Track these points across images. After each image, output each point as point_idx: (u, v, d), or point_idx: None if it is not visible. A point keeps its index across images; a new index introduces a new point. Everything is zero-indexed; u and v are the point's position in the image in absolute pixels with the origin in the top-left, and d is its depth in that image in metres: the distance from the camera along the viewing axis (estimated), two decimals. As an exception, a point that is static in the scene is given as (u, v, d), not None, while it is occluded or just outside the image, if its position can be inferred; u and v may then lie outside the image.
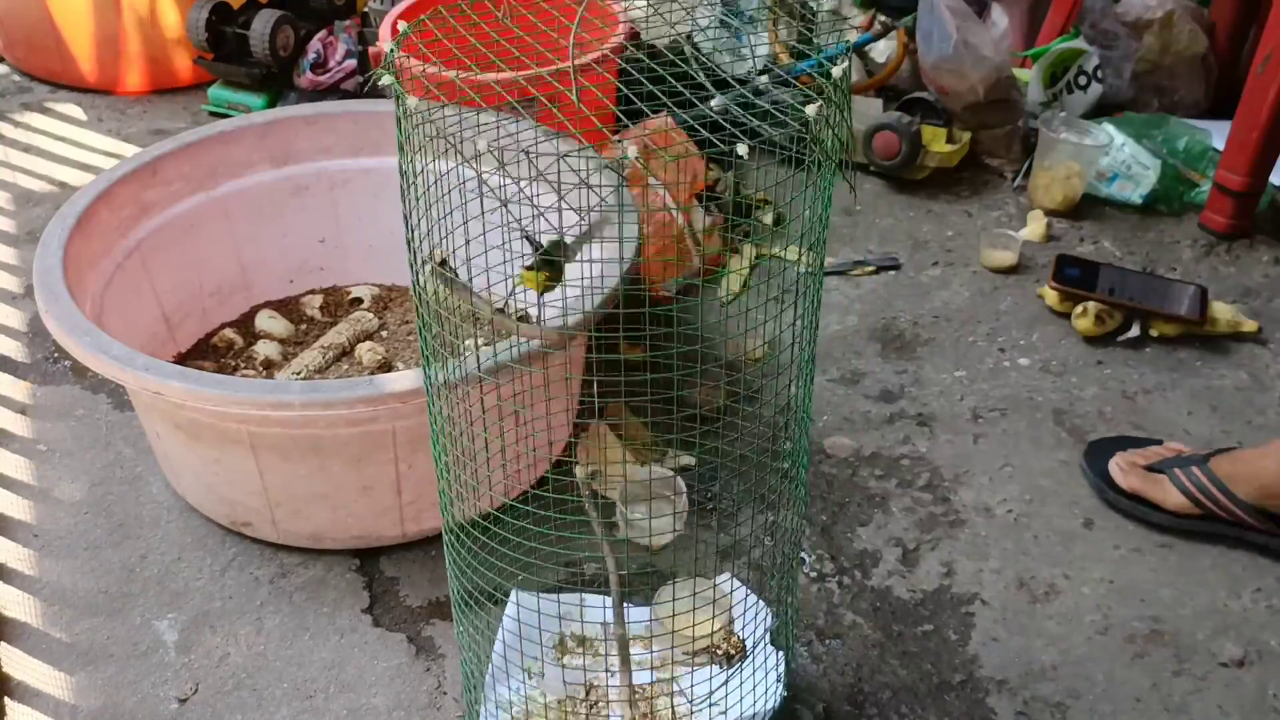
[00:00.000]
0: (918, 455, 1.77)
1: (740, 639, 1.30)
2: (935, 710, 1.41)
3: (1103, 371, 1.93)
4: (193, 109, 2.71)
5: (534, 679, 1.27)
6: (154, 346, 1.79)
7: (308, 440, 1.46)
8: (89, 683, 1.44)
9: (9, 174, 2.47)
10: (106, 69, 2.74)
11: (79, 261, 1.62)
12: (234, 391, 1.38)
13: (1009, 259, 2.16)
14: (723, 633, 1.29)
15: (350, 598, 1.54)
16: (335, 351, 1.84)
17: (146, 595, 1.55)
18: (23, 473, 1.74)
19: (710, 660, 1.28)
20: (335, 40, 2.63)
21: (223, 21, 2.56)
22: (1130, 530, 1.65)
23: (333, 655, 1.47)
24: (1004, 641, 1.49)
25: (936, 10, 2.32)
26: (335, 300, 1.99)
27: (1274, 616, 1.52)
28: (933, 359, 1.96)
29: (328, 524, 1.55)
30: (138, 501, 1.69)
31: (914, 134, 2.32)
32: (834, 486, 1.71)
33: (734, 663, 1.27)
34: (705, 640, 1.27)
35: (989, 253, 2.18)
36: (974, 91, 2.34)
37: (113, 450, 1.77)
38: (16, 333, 2.02)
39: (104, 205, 1.70)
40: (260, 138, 1.89)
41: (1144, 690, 1.43)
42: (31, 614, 1.53)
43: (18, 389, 1.90)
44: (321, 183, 1.93)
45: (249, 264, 1.95)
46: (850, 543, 1.62)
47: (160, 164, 1.80)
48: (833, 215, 2.35)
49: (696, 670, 1.26)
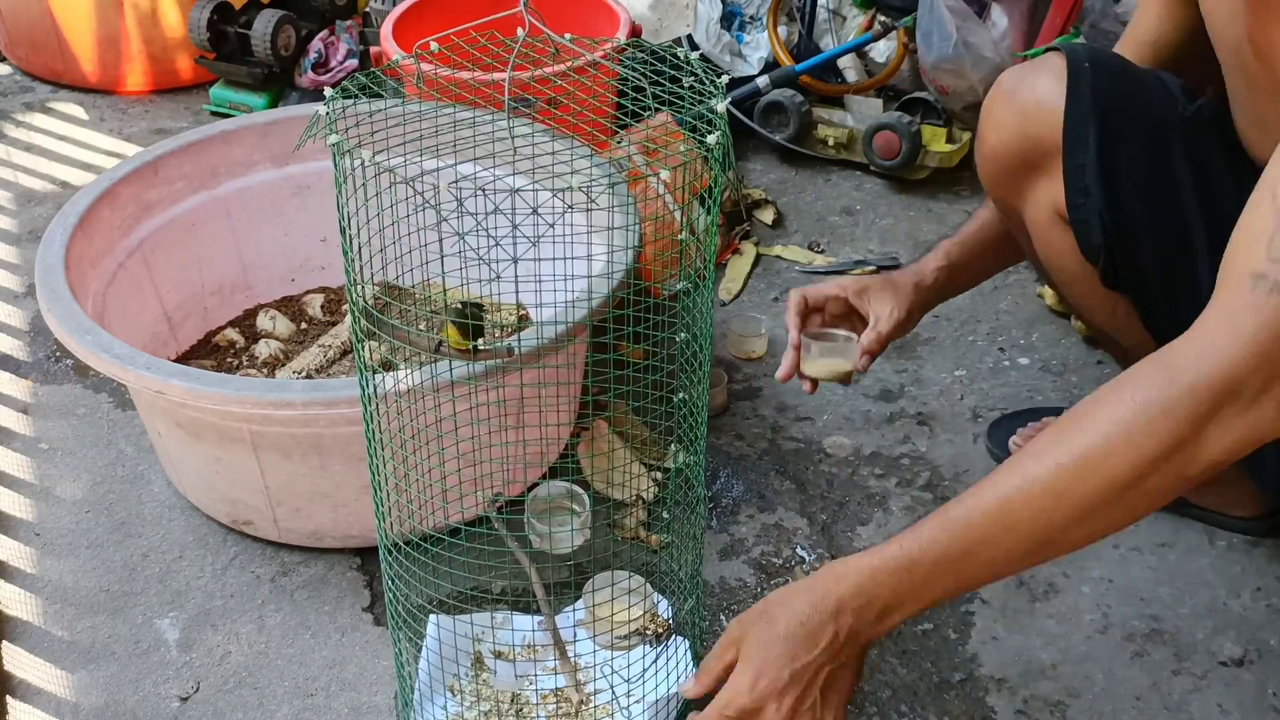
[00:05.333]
0: (918, 454, 1.77)
1: (666, 620, 1.40)
2: (935, 709, 1.41)
3: (1102, 371, 1.94)
4: (194, 109, 2.72)
5: (457, 697, 1.34)
6: (155, 345, 1.79)
7: (309, 439, 1.46)
8: (90, 681, 1.44)
9: (11, 173, 2.47)
10: (108, 69, 2.74)
11: (81, 261, 1.62)
12: (235, 390, 1.38)
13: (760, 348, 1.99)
14: (648, 616, 1.39)
15: (351, 596, 1.55)
16: (336, 350, 1.84)
17: (148, 593, 1.55)
18: (24, 471, 1.74)
19: (642, 641, 1.38)
20: (337, 40, 2.64)
21: (224, 21, 2.56)
22: (1130, 529, 1.65)
23: (334, 653, 1.47)
24: (1003, 640, 1.49)
25: (936, 10, 2.32)
26: (336, 299, 1.99)
27: (1274, 616, 1.52)
28: (933, 358, 1.97)
29: (329, 523, 1.55)
30: (139, 500, 1.69)
31: (914, 134, 2.32)
32: (834, 485, 1.71)
33: (663, 641, 1.37)
34: (635, 624, 1.38)
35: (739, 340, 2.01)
36: (974, 91, 2.34)
37: (114, 449, 1.78)
38: (18, 331, 2.03)
39: (106, 205, 1.71)
40: (262, 137, 1.89)
41: (1144, 689, 1.44)
42: (33, 612, 1.53)
43: (19, 388, 1.90)
44: (323, 182, 1.94)
45: (250, 263, 1.95)
46: (850, 542, 1.63)
47: (162, 163, 1.80)
48: (833, 215, 2.35)
49: (631, 652, 1.36)
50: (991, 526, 1.04)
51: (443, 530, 1.28)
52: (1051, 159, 1.38)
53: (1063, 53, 1.38)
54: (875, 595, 1.08)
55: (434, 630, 1.34)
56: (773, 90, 2.44)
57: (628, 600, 1.36)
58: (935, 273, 1.54)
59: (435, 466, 1.27)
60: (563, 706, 1.32)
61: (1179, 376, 0.97)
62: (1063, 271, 1.47)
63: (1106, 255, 1.37)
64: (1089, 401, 1.04)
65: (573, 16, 2.29)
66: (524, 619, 1.42)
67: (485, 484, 1.34)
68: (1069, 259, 1.43)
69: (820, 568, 1.16)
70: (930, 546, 1.06)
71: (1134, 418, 0.99)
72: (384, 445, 1.19)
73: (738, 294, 2.13)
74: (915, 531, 1.07)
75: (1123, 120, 1.36)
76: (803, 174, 2.46)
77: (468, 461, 1.32)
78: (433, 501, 1.26)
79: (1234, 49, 1.30)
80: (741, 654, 1.11)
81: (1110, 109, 1.35)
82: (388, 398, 1.21)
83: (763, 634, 1.09)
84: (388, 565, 1.25)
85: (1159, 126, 1.37)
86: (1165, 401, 0.97)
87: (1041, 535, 1.04)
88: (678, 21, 2.73)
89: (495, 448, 1.33)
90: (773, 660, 1.08)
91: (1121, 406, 1.00)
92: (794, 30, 2.62)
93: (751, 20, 2.63)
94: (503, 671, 1.36)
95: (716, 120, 1.04)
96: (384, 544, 1.24)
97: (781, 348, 1.98)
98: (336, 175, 1.04)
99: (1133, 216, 1.35)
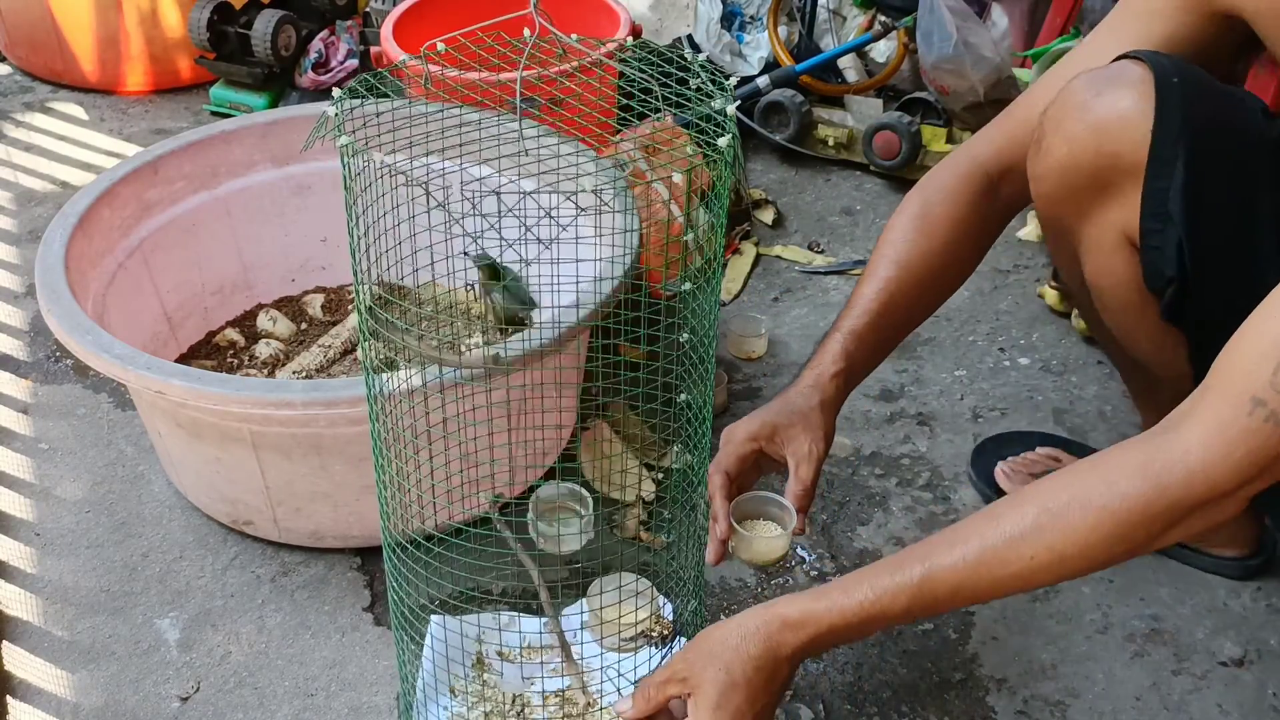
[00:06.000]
0: (918, 454, 1.77)
1: (670, 622, 1.40)
2: (935, 709, 1.41)
3: (1103, 371, 1.94)
4: (194, 109, 2.71)
5: (459, 697, 1.34)
6: (156, 346, 1.79)
7: (309, 439, 1.46)
8: (91, 681, 1.44)
9: (11, 173, 2.47)
10: (108, 69, 2.74)
11: (81, 261, 1.62)
12: (236, 390, 1.38)
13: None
14: (654, 618, 1.39)
15: (352, 596, 1.55)
16: (337, 351, 1.84)
17: (148, 593, 1.55)
18: (24, 471, 1.74)
19: (647, 643, 1.37)
20: (337, 40, 2.64)
21: (224, 21, 2.56)
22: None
23: (334, 653, 1.47)
24: (1004, 640, 1.49)
25: (936, 10, 2.32)
26: (336, 299, 1.99)
27: (1274, 616, 1.52)
28: (933, 358, 1.97)
29: (329, 523, 1.55)
30: (139, 500, 1.69)
31: (914, 134, 2.32)
32: (834, 485, 1.71)
33: (668, 643, 1.37)
34: (641, 626, 1.37)
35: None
36: (974, 91, 2.34)
37: (114, 449, 1.78)
38: (18, 332, 2.03)
39: (106, 205, 1.71)
40: (262, 137, 1.89)
41: (1144, 689, 1.44)
42: (33, 612, 1.53)
43: (19, 388, 1.90)
44: (323, 182, 1.94)
45: (251, 263, 1.95)
46: (850, 541, 1.63)
47: (162, 163, 1.80)
48: (833, 215, 2.35)
49: (638, 653, 1.36)
50: (942, 599, 1.09)
51: (446, 530, 1.28)
52: (1128, 180, 1.26)
53: (1145, 63, 1.25)
54: (828, 644, 1.14)
55: (437, 630, 1.35)
56: (773, 90, 2.44)
57: (634, 603, 1.35)
58: (834, 381, 1.36)
59: (440, 466, 1.27)
60: (566, 708, 1.32)
61: (1167, 490, 1.01)
62: (1116, 299, 1.37)
63: (1178, 287, 1.27)
64: (1064, 477, 1.07)
65: (572, 17, 2.29)
66: (529, 620, 1.42)
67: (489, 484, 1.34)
68: (1128, 288, 1.34)
69: (769, 605, 1.14)
70: (891, 606, 1.09)
71: (1115, 520, 1.02)
72: (389, 444, 1.19)
73: (738, 294, 2.13)
74: (878, 584, 1.10)
75: (1213, 143, 1.24)
76: (803, 174, 2.46)
77: (471, 461, 1.32)
78: (436, 501, 1.26)
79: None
80: (698, 701, 1.13)
81: (1201, 130, 1.23)
82: (393, 397, 1.21)
83: (718, 682, 1.12)
84: (391, 565, 1.25)
85: (1246, 151, 1.27)
86: (1147, 509, 1.02)
87: (984, 597, 1.11)
88: (678, 21, 2.73)
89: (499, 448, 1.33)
90: (735, 712, 1.12)
91: (1103, 506, 1.03)
92: (794, 30, 2.62)
93: (752, 20, 2.63)
94: (508, 673, 1.36)
95: (726, 123, 1.04)
96: (388, 543, 1.24)
97: (782, 348, 1.99)
98: (345, 177, 1.03)
99: (1214, 249, 1.25)
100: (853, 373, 1.37)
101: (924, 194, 1.42)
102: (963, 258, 1.43)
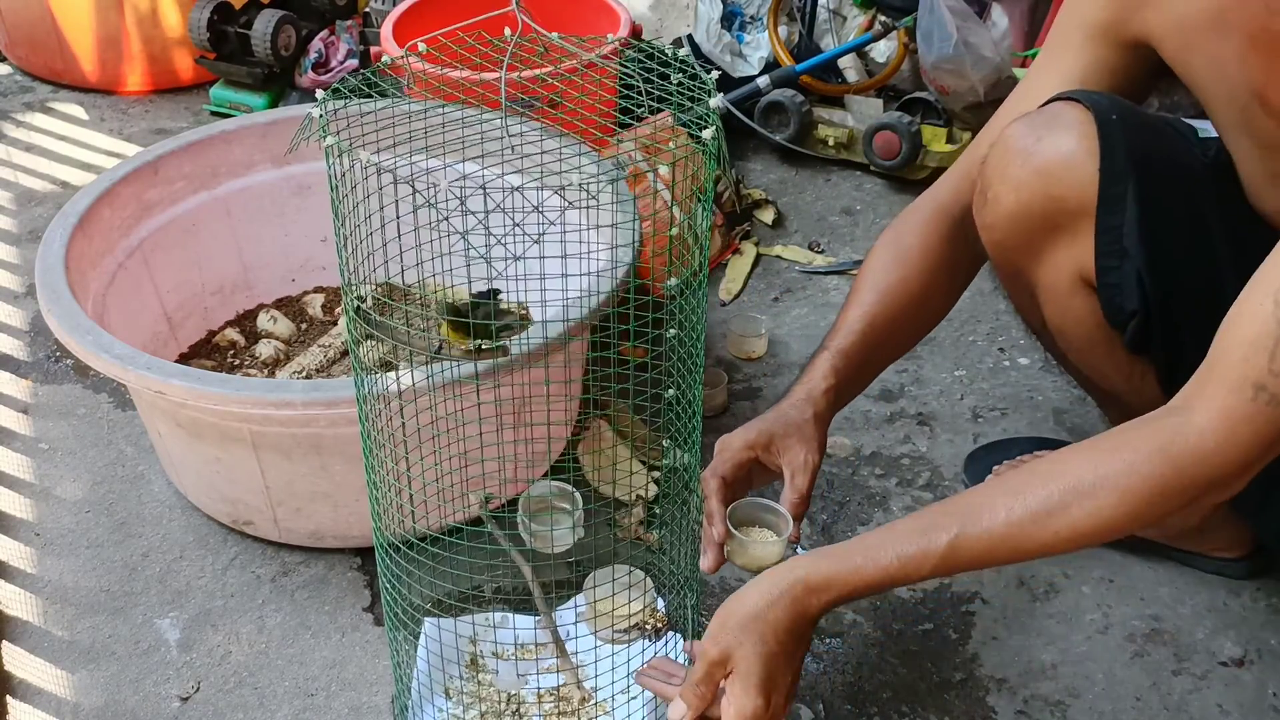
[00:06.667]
0: (918, 454, 1.77)
1: (664, 615, 1.40)
2: (935, 709, 1.41)
3: (1103, 371, 1.94)
4: (194, 109, 2.72)
5: (453, 699, 1.34)
6: (156, 346, 1.80)
7: (309, 439, 1.46)
8: (91, 681, 1.44)
9: (11, 173, 2.47)
10: (108, 69, 2.74)
11: (81, 261, 1.62)
12: (236, 390, 1.39)
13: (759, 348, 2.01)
14: (648, 610, 1.40)
15: (352, 596, 1.55)
16: (337, 350, 1.84)
17: (148, 593, 1.55)
18: (24, 471, 1.74)
19: (642, 635, 1.38)
20: (337, 40, 2.64)
21: (224, 21, 2.56)
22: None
23: (334, 653, 1.47)
24: (1004, 640, 1.49)
25: (936, 10, 2.32)
26: (336, 299, 1.99)
27: (1274, 616, 1.53)
28: (933, 358, 1.97)
29: (329, 523, 1.55)
30: (139, 500, 1.69)
31: (914, 134, 2.32)
32: (834, 485, 1.72)
33: (661, 635, 1.38)
34: (635, 618, 1.38)
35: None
36: (974, 91, 2.34)
37: (114, 449, 1.78)
38: (18, 332, 2.03)
39: (106, 205, 1.71)
40: (262, 137, 1.89)
41: (1144, 689, 1.44)
42: (33, 612, 1.53)
43: (19, 388, 1.90)
44: (323, 182, 1.90)
45: (251, 263, 1.95)
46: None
47: (162, 163, 1.80)
48: (833, 215, 2.35)
49: (631, 646, 1.36)
50: (964, 565, 1.15)
51: (440, 530, 1.28)
52: (1078, 221, 1.28)
53: (1082, 104, 1.28)
54: (849, 601, 1.19)
55: (431, 633, 1.35)
56: (773, 90, 2.44)
57: (628, 595, 1.36)
58: (825, 396, 1.37)
59: (432, 466, 1.27)
60: (561, 705, 1.32)
61: (1184, 471, 1.08)
62: (1078, 338, 1.40)
63: (1141, 318, 1.30)
64: (1084, 457, 1.12)
65: (573, 17, 2.29)
66: (522, 619, 1.42)
67: (482, 484, 1.34)
68: (1089, 325, 1.36)
69: (790, 567, 1.16)
70: (915, 572, 1.14)
71: (1136, 499, 1.09)
72: (381, 445, 1.19)
73: (738, 294, 2.13)
74: (903, 551, 1.14)
75: (1158, 173, 1.27)
76: (803, 174, 2.46)
77: (465, 461, 1.32)
78: (428, 501, 1.26)
79: (1237, 105, 1.23)
80: (741, 677, 1.14)
81: (1145, 163, 1.26)
82: (385, 397, 1.21)
83: (759, 654, 1.14)
84: (384, 566, 1.25)
85: (1188, 176, 1.30)
86: (1165, 489, 1.08)
87: (1003, 564, 1.21)
88: (678, 21, 2.73)
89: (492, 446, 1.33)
90: (779, 676, 1.15)
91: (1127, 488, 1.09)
92: (794, 30, 2.62)
93: (752, 20, 2.63)
94: (503, 671, 1.36)
95: (709, 116, 1.05)
96: (380, 544, 1.24)
97: (782, 348, 1.99)
98: (331, 176, 1.04)
99: (1173, 276, 1.28)
100: (841, 390, 1.40)
101: (896, 231, 1.46)
102: (939, 287, 1.46)
